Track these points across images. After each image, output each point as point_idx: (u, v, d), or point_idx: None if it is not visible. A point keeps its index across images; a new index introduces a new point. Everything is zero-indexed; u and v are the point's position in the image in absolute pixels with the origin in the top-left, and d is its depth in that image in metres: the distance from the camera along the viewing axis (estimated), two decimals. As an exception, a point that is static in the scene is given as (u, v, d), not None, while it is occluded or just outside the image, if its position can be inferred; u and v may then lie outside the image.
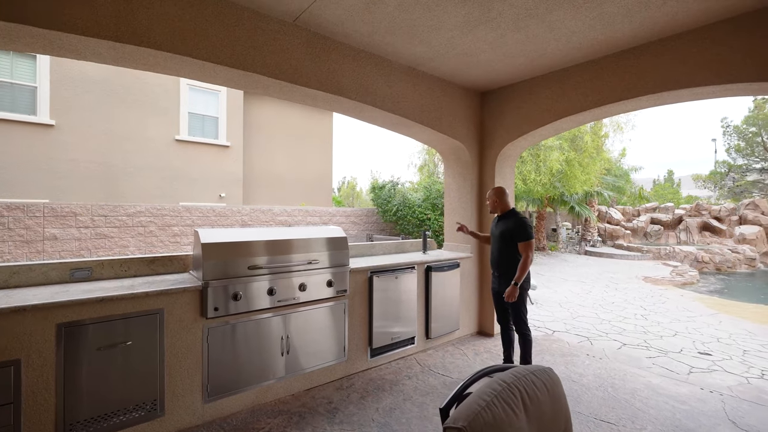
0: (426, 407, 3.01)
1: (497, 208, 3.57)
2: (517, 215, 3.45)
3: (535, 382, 1.30)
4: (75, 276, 2.62)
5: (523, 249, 3.32)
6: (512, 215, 3.47)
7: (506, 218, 3.50)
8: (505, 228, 3.45)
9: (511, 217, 3.45)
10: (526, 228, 3.34)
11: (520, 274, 3.28)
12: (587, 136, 12.81)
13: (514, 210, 3.54)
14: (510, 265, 3.41)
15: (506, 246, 3.42)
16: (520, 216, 3.43)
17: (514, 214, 3.48)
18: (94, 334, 2.25)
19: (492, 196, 3.58)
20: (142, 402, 2.41)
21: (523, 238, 3.32)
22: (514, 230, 3.36)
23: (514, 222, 3.39)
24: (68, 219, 6.88)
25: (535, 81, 4.28)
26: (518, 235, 3.34)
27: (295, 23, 3.13)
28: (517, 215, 3.45)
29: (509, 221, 3.44)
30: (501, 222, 3.54)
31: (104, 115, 8.84)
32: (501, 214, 3.58)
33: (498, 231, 3.53)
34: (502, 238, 3.45)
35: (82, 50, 2.41)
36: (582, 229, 17.99)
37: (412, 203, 11.33)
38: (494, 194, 3.58)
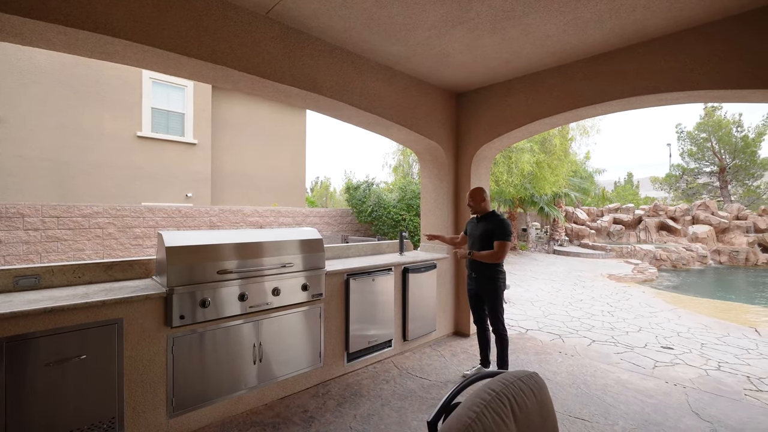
0: (404, 412, 2.95)
1: (478, 208, 3.51)
2: (499, 216, 3.41)
3: (523, 388, 1.27)
4: (20, 284, 2.37)
5: (499, 245, 3.29)
6: (494, 216, 3.43)
7: (487, 219, 3.45)
8: (486, 228, 3.39)
9: (493, 218, 3.41)
10: (507, 229, 3.33)
11: (484, 256, 3.30)
12: (556, 139, 13.26)
13: (494, 211, 3.50)
14: (488, 266, 3.38)
15: (486, 246, 3.38)
16: (502, 217, 3.39)
17: (496, 215, 3.44)
18: (42, 349, 2.03)
19: (474, 197, 3.52)
20: (99, 421, 2.20)
21: (502, 237, 3.30)
22: (496, 230, 3.32)
23: (497, 222, 3.34)
24: (15, 220, 6.32)
25: (510, 83, 4.34)
26: (498, 233, 3.31)
27: (268, 15, 2.99)
28: (499, 216, 3.41)
29: (491, 222, 3.38)
30: (482, 223, 3.48)
31: (56, 108, 8.22)
32: (481, 216, 3.52)
33: (478, 232, 3.46)
34: (483, 238, 3.39)
35: (27, 35, 2.18)
36: (550, 229, 18.63)
37: (387, 204, 11.30)
38: (476, 195, 3.52)
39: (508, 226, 3.32)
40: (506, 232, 3.30)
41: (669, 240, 17.37)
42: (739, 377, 3.77)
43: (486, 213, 3.50)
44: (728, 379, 3.70)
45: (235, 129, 11.71)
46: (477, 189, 3.52)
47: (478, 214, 3.53)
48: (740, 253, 14.86)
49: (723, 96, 3.10)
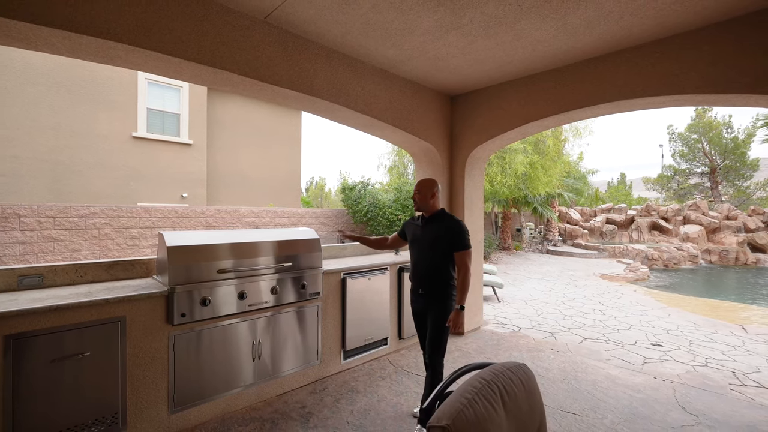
0: (400, 407, 3.03)
1: (425, 205, 2.73)
2: (452, 217, 2.71)
3: (512, 378, 1.35)
4: (24, 283, 2.41)
5: (462, 260, 2.60)
6: (445, 217, 2.72)
7: (437, 221, 2.72)
8: (438, 233, 2.66)
9: (445, 220, 2.70)
10: (466, 234, 2.65)
11: (463, 294, 2.56)
12: (549, 140, 13.42)
13: (444, 211, 2.79)
14: (441, 281, 2.66)
15: (438, 256, 2.65)
16: (456, 219, 2.70)
17: (448, 215, 2.74)
18: (47, 346, 2.08)
19: (422, 189, 2.74)
20: (102, 416, 2.25)
21: (463, 247, 2.61)
22: (453, 237, 2.61)
23: (451, 226, 2.64)
24: (11, 221, 6.31)
25: (503, 86, 4.43)
26: (457, 242, 2.60)
27: (267, 20, 3.06)
28: (452, 217, 2.71)
29: (442, 225, 2.68)
30: (430, 225, 2.74)
31: (51, 108, 8.20)
32: (429, 216, 2.76)
33: (427, 236, 2.71)
34: (434, 245, 2.66)
35: (33, 40, 2.23)
36: (544, 229, 18.81)
37: (382, 204, 11.37)
38: (425, 187, 2.75)
39: (466, 230, 2.66)
40: (466, 238, 2.64)
41: (661, 240, 17.63)
42: (725, 373, 3.90)
43: (435, 212, 2.75)
44: (715, 375, 3.82)
45: (230, 129, 11.72)
46: (427, 180, 2.79)
47: (425, 213, 2.78)
48: (730, 252, 15.12)
49: (707, 100, 3.22)
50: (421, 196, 2.74)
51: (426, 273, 2.71)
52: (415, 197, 2.78)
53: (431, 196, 2.73)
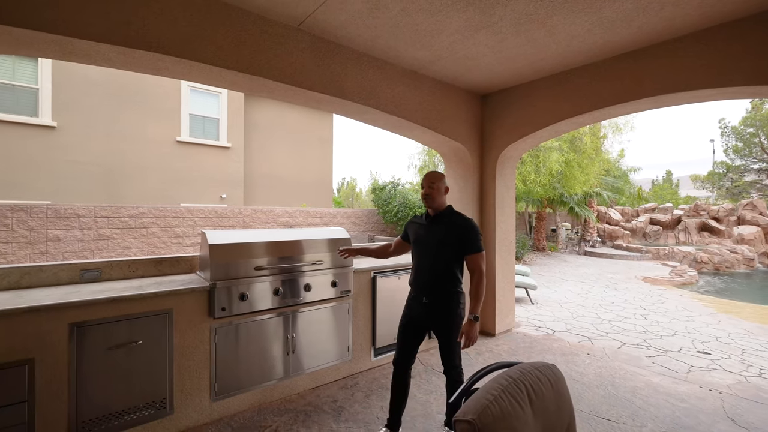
0: (430, 405, 3.05)
1: (437, 202, 2.45)
2: (463, 216, 2.46)
3: (540, 377, 1.35)
4: (85, 277, 2.67)
5: (477, 264, 2.33)
6: (455, 215, 2.46)
7: (446, 219, 2.44)
8: (447, 233, 2.38)
9: (454, 218, 2.43)
10: (479, 234, 2.38)
11: (477, 303, 2.28)
12: (586, 138, 12.89)
13: (452, 208, 2.51)
14: (449, 288, 2.38)
15: (446, 259, 2.36)
16: (467, 217, 2.45)
17: (458, 213, 2.48)
18: (105, 334, 2.29)
19: (434, 182, 2.44)
20: (152, 400, 2.45)
21: (477, 249, 2.33)
22: (465, 237, 2.34)
23: (463, 225, 2.38)
24: (71, 220, 6.92)
25: (535, 84, 4.34)
26: (470, 244, 2.33)
27: (300, 28, 3.18)
28: (463, 216, 2.46)
29: (452, 223, 2.40)
30: (436, 224, 2.45)
31: (105, 116, 8.88)
32: (435, 214, 2.47)
33: (434, 237, 2.42)
34: (442, 247, 2.38)
35: (93, 55, 2.46)
36: (581, 230, 18.06)
37: (413, 204, 11.39)
38: (438, 180, 2.45)
39: (479, 229, 2.41)
40: (480, 239, 2.38)
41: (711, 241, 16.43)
42: (782, 385, 3.61)
43: (442, 210, 2.47)
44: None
45: (265, 132, 12.17)
46: (439, 173, 2.51)
47: (432, 210, 2.48)
48: (792, 255, 13.84)
49: (759, 92, 3.01)
50: (434, 190, 2.43)
51: (431, 279, 2.40)
52: (429, 192, 2.44)
53: (445, 190, 2.47)
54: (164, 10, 2.50)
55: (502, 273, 4.86)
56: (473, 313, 2.27)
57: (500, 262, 4.83)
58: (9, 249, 6.40)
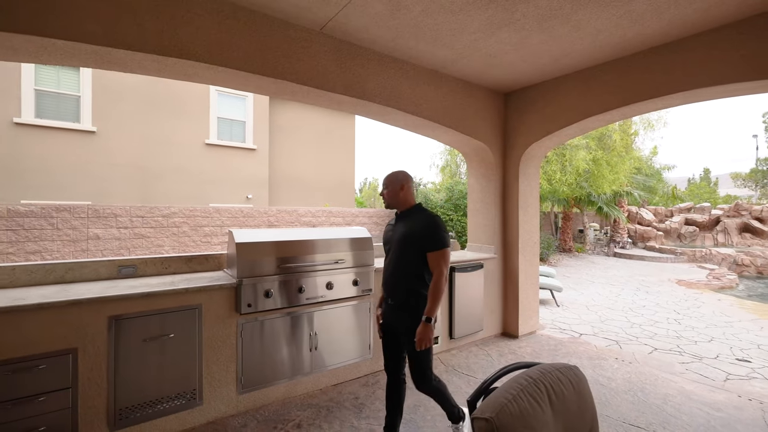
0: (450, 405, 3.04)
1: (395, 200, 2.41)
2: (426, 212, 2.37)
3: (561, 378, 1.34)
4: (122, 273, 2.83)
5: (435, 262, 2.21)
6: (419, 212, 2.38)
7: (410, 216, 2.37)
8: (408, 230, 2.30)
9: (418, 215, 2.35)
10: (440, 230, 2.25)
11: (433, 304, 2.17)
12: (616, 135, 12.43)
13: (420, 206, 2.43)
14: (412, 289, 2.26)
15: (408, 257, 2.28)
16: (431, 213, 2.36)
17: (422, 210, 2.40)
18: (140, 327, 2.42)
19: (389, 184, 2.41)
20: (183, 391, 2.57)
21: (437, 246, 2.21)
22: (424, 233, 2.24)
23: (424, 221, 2.29)
24: (109, 220, 7.32)
25: (560, 80, 4.24)
26: (429, 240, 2.22)
27: (322, 31, 3.24)
28: (426, 212, 2.37)
29: (415, 220, 2.33)
30: (402, 221, 2.40)
31: (140, 121, 9.32)
32: (401, 212, 2.43)
33: (397, 235, 2.36)
34: (404, 244, 2.30)
35: (129, 63, 2.61)
36: (611, 230, 17.42)
37: (434, 204, 11.33)
38: (392, 181, 2.41)
39: (442, 226, 2.29)
40: (441, 235, 2.25)
41: (754, 243, 15.47)
42: (832, 396, 3.38)
43: (408, 208, 2.42)
44: (817, 398, 3.33)
45: (289, 134, 12.42)
46: (395, 173, 2.46)
47: (398, 210, 2.45)
48: None
49: (805, 84, 2.82)
50: (388, 191, 2.40)
51: (393, 278, 2.32)
52: (383, 193, 2.44)
53: (400, 188, 2.39)
54: (194, 19, 2.62)
55: (525, 274, 4.77)
56: (427, 314, 2.16)
57: (523, 263, 4.75)
58: (54, 246, 6.85)
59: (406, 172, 2.46)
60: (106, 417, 2.32)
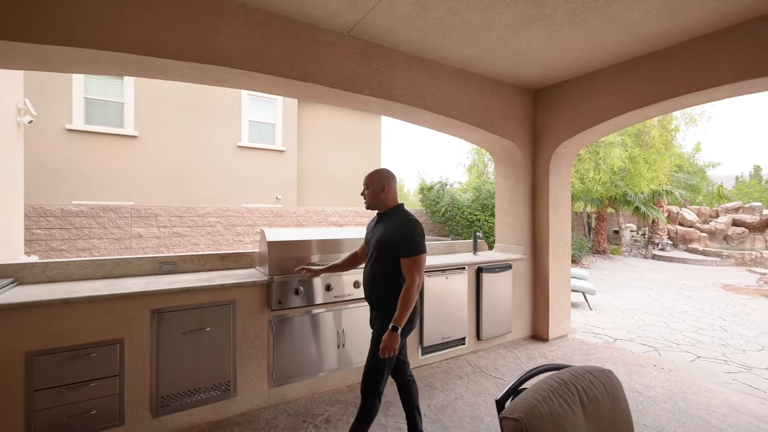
0: (478, 407, 3.02)
1: (375, 201, 2.31)
2: (404, 215, 2.25)
3: (594, 382, 1.31)
4: (163, 269, 3.00)
5: (407, 270, 2.10)
6: (398, 214, 2.26)
7: (389, 218, 2.26)
8: (384, 233, 2.21)
9: (396, 217, 2.24)
10: (414, 235, 2.13)
11: (401, 312, 2.04)
12: (654, 131, 11.82)
13: (401, 207, 2.32)
14: (386, 293, 2.17)
15: (383, 261, 2.18)
16: (408, 216, 2.24)
17: (402, 212, 2.28)
18: (180, 320, 2.56)
19: (370, 183, 2.31)
20: (218, 382, 2.70)
21: (410, 252, 2.10)
22: (398, 237, 2.14)
23: (400, 225, 2.17)
24: (150, 219, 7.76)
25: (592, 76, 4.09)
26: (403, 245, 2.11)
27: (350, 34, 3.30)
28: (404, 215, 2.25)
29: (391, 222, 2.22)
30: (379, 224, 2.31)
31: (177, 125, 9.80)
32: (382, 213, 2.33)
33: (374, 237, 2.28)
34: (379, 249, 2.20)
35: (169, 71, 2.76)
36: (649, 232, 16.58)
37: (461, 204, 11.21)
38: (373, 180, 2.31)
39: (417, 231, 2.16)
40: (414, 239, 2.12)
41: (813, 246, 14.25)
42: None
43: (389, 209, 2.31)
44: None
45: (317, 135, 12.66)
46: (377, 172, 2.35)
47: (379, 210, 2.35)
48: None
49: None
50: (369, 191, 2.31)
51: (370, 281, 2.25)
52: (363, 193, 2.34)
53: (381, 189, 2.28)
54: (229, 27, 2.74)
55: (556, 275, 4.64)
56: (394, 323, 2.04)
57: (554, 265, 4.62)
58: (101, 244, 7.33)
59: (389, 170, 2.36)
60: (149, 404, 2.47)
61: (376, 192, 2.29)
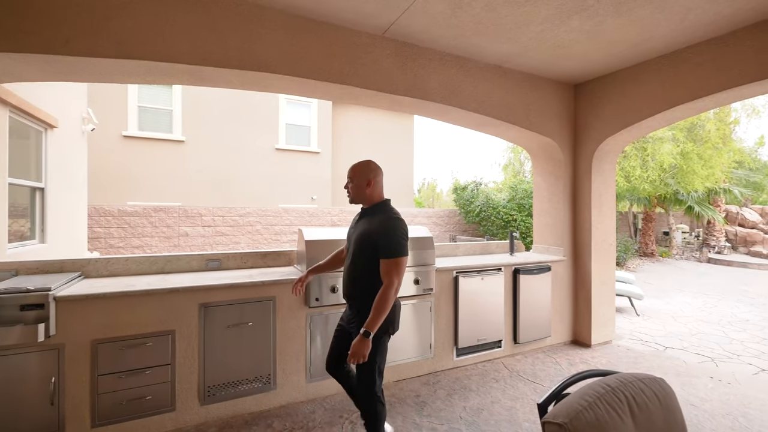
0: (515, 412, 2.95)
1: (359, 195, 2.20)
2: (389, 213, 2.13)
3: (644, 390, 1.24)
4: (209, 266, 3.17)
5: (385, 272, 1.99)
6: (382, 211, 2.15)
7: (372, 215, 2.16)
8: (365, 231, 2.11)
9: (380, 214, 2.13)
10: (396, 234, 2.02)
11: (375, 316, 1.93)
12: (710, 124, 10.95)
13: (388, 203, 2.21)
14: (366, 291, 2.05)
15: (364, 259, 2.08)
16: (393, 214, 2.12)
17: (387, 209, 2.16)
18: (224, 314, 2.70)
19: (354, 176, 2.20)
20: (260, 375, 2.81)
21: (390, 253, 1.99)
22: (379, 235, 2.03)
23: (383, 224, 2.06)
24: (196, 219, 8.22)
25: (639, 68, 3.87)
26: (383, 246, 2.00)
27: (385, 35, 3.33)
28: (389, 213, 2.13)
29: (374, 219, 2.12)
30: (362, 220, 2.21)
31: (220, 130, 10.31)
32: (366, 208, 2.24)
33: (355, 234, 2.18)
34: (359, 247, 2.12)
35: (216, 79, 2.92)
36: (703, 233, 15.38)
37: (496, 204, 10.96)
38: (358, 171, 2.19)
39: (399, 230, 2.05)
40: (399, 242, 2.01)
41: None
42: None
43: (374, 204, 2.21)
44: None
45: (350, 137, 12.86)
46: (361, 164, 2.22)
47: (364, 205, 2.24)
48: None
49: None
50: (353, 184, 2.19)
51: (349, 279, 2.17)
52: (347, 186, 2.23)
53: (367, 183, 2.16)
54: (270, 34, 2.85)
55: (599, 278, 4.42)
56: (366, 328, 1.92)
57: (597, 267, 4.40)
58: (153, 242, 7.86)
59: (375, 163, 2.23)
60: (197, 392, 2.63)
61: (361, 186, 2.17)
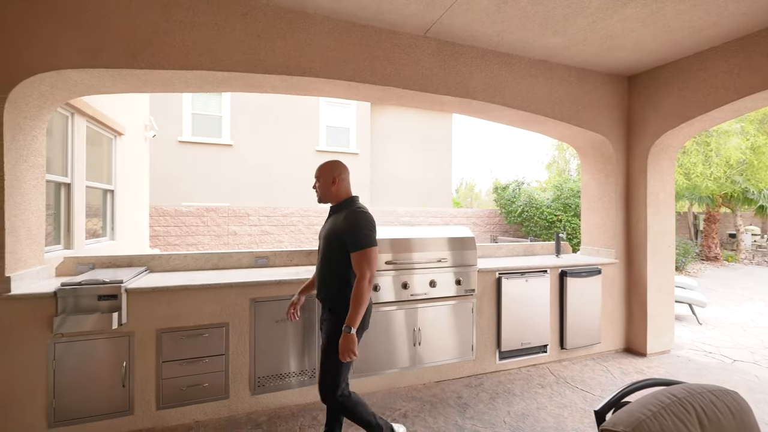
0: (563, 420, 2.83)
1: (326, 193, 2.25)
2: (353, 206, 2.17)
3: (715, 402, 1.16)
4: (258, 263, 3.34)
5: (357, 264, 2.02)
6: (347, 207, 2.18)
7: (338, 212, 2.20)
8: (332, 227, 2.16)
9: (345, 210, 2.15)
10: (360, 225, 2.05)
11: (354, 311, 1.97)
12: (787, 114, 9.85)
13: (353, 200, 2.24)
14: (336, 288, 2.11)
15: (333, 256, 2.12)
16: (357, 208, 2.15)
17: (351, 205, 2.20)
18: (272, 309, 2.83)
19: (321, 175, 2.25)
20: (303, 369, 2.92)
21: (358, 245, 2.02)
22: (344, 230, 2.07)
23: (347, 217, 2.09)
24: (243, 219, 8.65)
25: (703, 56, 3.57)
26: (350, 239, 2.04)
27: (426, 35, 3.32)
28: (353, 206, 2.17)
29: (339, 217, 2.15)
30: (332, 216, 2.26)
31: (265, 133, 10.77)
32: (334, 205, 2.28)
33: (324, 231, 2.24)
34: (327, 243, 2.17)
35: (264, 85, 3.07)
36: (778, 235, 13.86)
37: (539, 204, 10.55)
38: (324, 172, 2.25)
39: (364, 222, 2.07)
40: (365, 233, 2.04)
41: None
42: None
43: (341, 201, 2.25)
44: None
45: (389, 138, 12.93)
46: (327, 164, 2.29)
47: (332, 203, 2.28)
48: None
49: None
50: (320, 183, 2.25)
51: (320, 278, 2.21)
52: (315, 186, 2.30)
53: (332, 181, 2.22)
54: (315, 40, 2.95)
55: (655, 283, 4.14)
56: (347, 323, 1.95)
57: (653, 271, 4.12)
58: (205, 240, 8.38)
59: (340, 162, 2.30)
60: (248, 382, 2.77)
61: (327, 184, 2.23)
